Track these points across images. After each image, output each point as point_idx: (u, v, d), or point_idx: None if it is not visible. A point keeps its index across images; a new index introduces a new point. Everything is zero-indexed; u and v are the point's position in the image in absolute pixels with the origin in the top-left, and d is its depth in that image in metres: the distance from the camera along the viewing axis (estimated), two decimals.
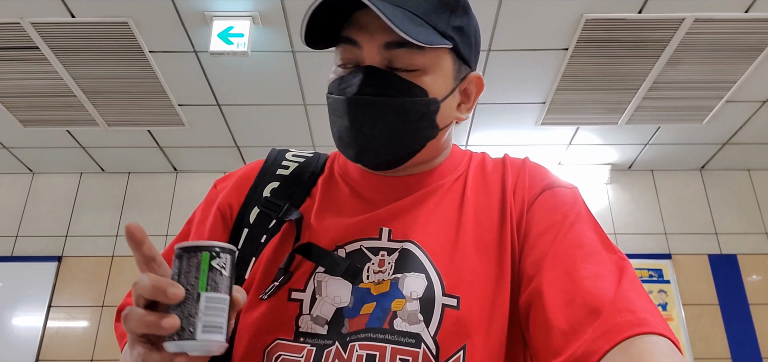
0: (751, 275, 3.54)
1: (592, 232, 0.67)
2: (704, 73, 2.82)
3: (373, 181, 0.78)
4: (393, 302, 0.66)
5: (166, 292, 0.52)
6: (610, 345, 0.52)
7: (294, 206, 0.76)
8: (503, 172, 0.77)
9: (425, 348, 0.63)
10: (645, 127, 3.34)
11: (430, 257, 0.69)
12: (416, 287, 0.66)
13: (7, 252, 3.65)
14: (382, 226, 0.73)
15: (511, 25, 2.54)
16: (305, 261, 0.71)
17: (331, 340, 0.65)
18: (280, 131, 3.38)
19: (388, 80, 0.70)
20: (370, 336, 0.64)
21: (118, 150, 3.59)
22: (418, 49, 0.68)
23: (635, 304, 0.56)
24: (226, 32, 2.48)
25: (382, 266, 0.69)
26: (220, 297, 0.54)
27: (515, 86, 2.99)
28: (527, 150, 3.62)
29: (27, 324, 3.45)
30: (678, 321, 3.40)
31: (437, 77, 0.72)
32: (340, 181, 0.80)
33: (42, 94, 2.98)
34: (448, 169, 0.79)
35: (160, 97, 3.01)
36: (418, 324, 0.64)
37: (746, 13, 2.44)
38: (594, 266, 0.62)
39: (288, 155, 0.84)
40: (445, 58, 0.73)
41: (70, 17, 2.46)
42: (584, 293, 0.58)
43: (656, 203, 3.78)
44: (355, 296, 0.67)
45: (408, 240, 0.71)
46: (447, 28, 0.71)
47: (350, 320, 0.66)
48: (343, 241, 0.72)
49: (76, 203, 3.80)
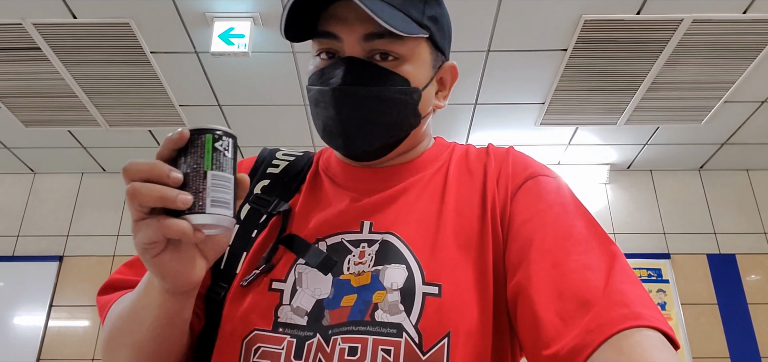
0: (749, 275, 3.55)
1: (579, 220, 0.66)
2: (703, 74, 2.83)
3: (355, 174, 0.79)
4: (374, 294, 0.65)
5: (169, 176, 0.54)
6: (603, 339, 0.52)
7: (283, 201, 0.77)
8: (486, 161, 0.77)
9: (407, 337, 0.62)
10: (644, 127, 3.35)
11: (411, 248, 0.69)
12: (397, 278, 0.66)
13: (8, 251, 3.66)
14: (363, 219, 0.73)
15: (511, 25, 2.55)
16: (288, 253, 0.72)
17: (312, 332, 0.65)
18: (280, 131, 3.39)
19: (371, 70, 0.71)
20: (352, 329, 0.63)
21: (120, 150, 3.60)
22: (398, 38, 0.70)
23: (628, 296, 0.55)
24: (227, 33, 2.49)
25: (363, 257, 0.69)
26: (225, 175, 0.56)
27: (514, 86, 3.00)
28: (527, 150, 3.59)
29: (28, 324, 3.46)
30: (677, 321, 3.41)
31: (416, 66, 0.74)
32: (322, 176, 0.81)
33: (43, 95, 2.99)
34: (429, 160, 0.80)
35: (161, 97, 3.03)
36: (399, 314, 0.64)
37: (744, 13, 2.45)
38: (583, 256, 0.61)
39: (278, 154, 0.85)
40: (423, 47, 0.74)
41: (72, 18, 2.47)
42: (573, 285, 0.58)
43: (655, 203, 3.79)
44: (335, 288, 0.67)
45: (388, 232, 0.71)
46: (422, 17, 0.72)
47: (331, 312, 0.66)
48: (325, 234, 0.72)
49: (77, 203, 3.82)
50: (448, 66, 0.81)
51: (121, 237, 3.71)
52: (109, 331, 0.68)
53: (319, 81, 0.73)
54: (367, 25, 0.69)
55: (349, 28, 0.70)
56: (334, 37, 0.71)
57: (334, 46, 0.72)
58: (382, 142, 0.74)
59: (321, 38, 0.73)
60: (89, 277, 3.57)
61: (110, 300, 0.72)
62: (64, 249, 3.66)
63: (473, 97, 3.10)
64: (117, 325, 0.67)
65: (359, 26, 0.70)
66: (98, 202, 3.81)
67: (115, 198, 3.82)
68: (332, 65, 0.72)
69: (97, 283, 3.07)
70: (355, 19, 0.70)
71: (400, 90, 0.72)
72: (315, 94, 0.74)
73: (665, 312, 3.44)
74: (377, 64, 0.71)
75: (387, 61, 0.72)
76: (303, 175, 0.82)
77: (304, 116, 3.25)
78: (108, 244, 3.68)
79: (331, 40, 0.72)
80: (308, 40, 0.75)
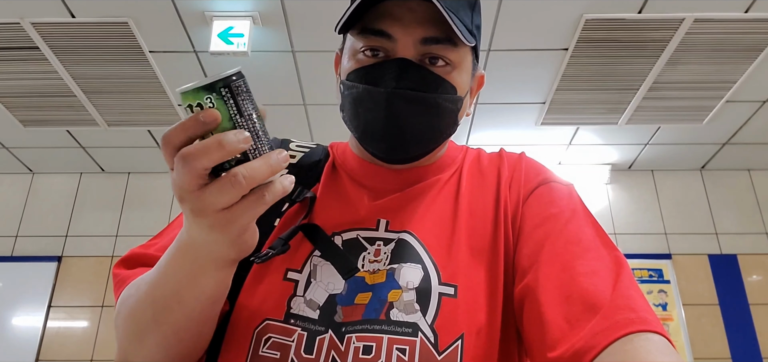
0: (751, 275, 3.54)
1: (589, 228, 0.67)
2: (704, 73, 2.82)
3: (373, 172, 0.78)
4: (389, 293, 0.65)
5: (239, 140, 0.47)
6: (609, 341, 0.52)
7: (306, 189, 0.76)
8: (499, 165, 0.77)
9: (423, 336, 0.62)
10: (645, 127, 3.34)
11: (427, 248, 0.68)
12: (412, 277, 0.66)
13: (7, 252, 3.65)
14: (380, 217, 0.72)
15: (511, 25, 2.54)
16: (305, 242, 0.70)
17: (324, 327, 0.64)
18: (280, 131, 3.37)
19: (426, 76, 0.69)
20: (367, 327, 0.63)
21: (119, 150, 3.59)
22: (452, 44, 0.68)
23: (635, 303, 0.56)
24: (226, 32, 2.48)
25: (378, 255, 0.69)
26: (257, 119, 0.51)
27: (515, 86, 2.99)
28: (527, 150, 3.60)
29: (27, 324, 3.45)
30: (678, 321, 3.40)
31: (462, 73, 0.72)
32: (340, 171, 0.80)
33: (42, 94, 2.98)
34: (446, 163, 0.80)
35: (160, 97, 3.01)
36: (415, 313, 0.63)
37: (746, 13, 2.44)
38: (591, 262, 0.61)
39: (292, 145, 0.83)
40: (468, 55, 0.73)
41: (71, 17, 2.46)
42: (581, 289, 0.58)
43: (656, 203, 3.78)
44: (349, 284, 0.66)
45: (405, 231, 0.70)
46: (471, 26, 0.72)
47: (344, 308, 0.65)
48: (341, 229, 0.72)
49: (76, 203, 3.80)
50: (479, 75, 0.80)
51: (120, 237, 3.70)
52: (131, 316, 0.61)
53: (366, 79, 0.69)
54: (426, 28, 0.67)
55: (405, 28, 0.67)
56: (387, 36, 0.68)
57: (385, 45, 0.69)
58: (424, 149, 0.73)
59: (371, 35, 0.69)
60: (88, 278, 3.56)
61: (131, 275, 0.66)
62: (63, 250, 3.65)
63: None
64: (142, 309, 0.60)
65: (417, 28, 0.67)
66: (97, 202, 3.80)
67: (114, 198, 3.81)
68: (381, 65, 0.69)
69: (96, 284, 3.05)
70: (413, 20, 0.67)
71: (450, 98, 0.71)
72: (360, 92, 0.70)
73: (666, 312, 3.43)
74: (431, 70, 0.69)
75: (436, 66, 0.69)
76: (321, 165, 0.80)
77: (303, 116, 3.24)
78: (107, 244, 3.67)
79: (382, 39, 0.68)
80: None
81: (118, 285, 0.68)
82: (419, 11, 0.67)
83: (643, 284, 3.50)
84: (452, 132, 0.75)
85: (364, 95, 0.69)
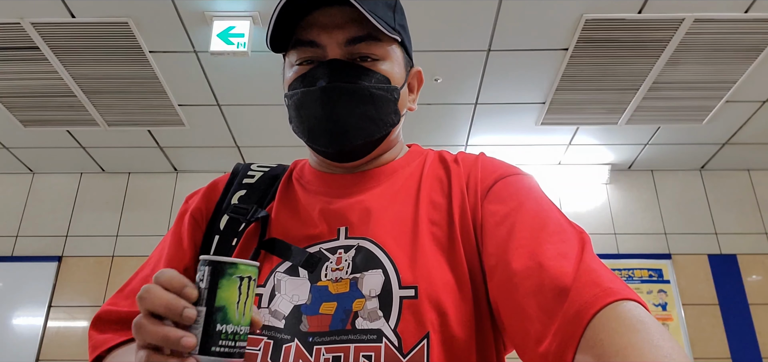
0: (750, 275, 3.54)
1: (551, 212, 0.68)
2: (704, 73, 2.82)
3: (328, 180, 0.81)
4: (353, 302, 0.67)
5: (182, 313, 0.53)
6: (582, 329, 0.53)
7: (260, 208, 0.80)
8: (455, 167, 0.79)
9: (387, 341, 0.64)
10: (645, 127, 3.34)
11: (387, 252, 0.70)
12: (374, 284, 0.67)
13: (7, 252, 3.65)
14: (339, 226, 0.74)
15: (511, 25, 2.54)
16: (267, 259, 0.73)
17: (289, 335, 0.66)
18: (280, 131, 3.38)
19: (355, 69, 0.75)
20: (335, 338, 0.65)
21: (119, 150, 3.59)
22: (376, 41, 0.75)
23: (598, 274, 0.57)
24: (226, 32, 2.48)
25: (340, 264, 0.71)
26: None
27: (515, 86, 2.99)
28: (527, 150, 3.62)
29: (27, 324, 3.45)
30: (678, 321, 3.40)
31: (393, 66, 0.79)
32: (295, 184, 0.83)
33: (42, 94, 2.98)
34: (402, 165, 0.82)
35: (160, 97, 3.01)
36: (379, 320, 0.65)
37: (746, 13, 2.44)
38: (558, 245, 0.63)
39: (253, 166, 0.88)
40: (396, 50, 0.80)
41: (71, 17, 2.46)
42: (551, 276, 0.59)
43: (656, 203, 3.78)
44: (313, 294, 0.69)
45: (364, 237, 0.72)
46: (394, 23, 0.77)
47: (309, 317, 0.67)
48: (302, 245, 0.74)
49: (76, 203, 3.81)
50: (415, 71, 0.86)
51: (120, 237, 3.70)
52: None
53: (303, 84, 0.75)
54: (349, 29, 0.74)
55: (330, 34, 0.74)
56: (315, 45, 0.75)
57: (316, 53, 0.76)
58: (365, 138, 0.76)
59: (302, 47, 0.76)
60: (88, 278, 3.56)
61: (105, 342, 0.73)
62: (63, 250, 3.65)
63: (474, 97, 3.09)
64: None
65: (340, 32, 0.74)
66: (97, 202, 3.80)
67: (114, 198, 3.81)
68: (314, 69, 0.75)
69: (96, 284, 3.05)
70: (335, 26, 0.74)
71: (383, 86, 0.76)
72: (299, 97, 0.76)
73: (666, 312, 3.43)
74: (359, 64, 0.75)
75: (366, 63, 0.76)
76: (278, 182, 0.84)
77: None
78: (107, 244, 3.67)
79: (312, 48, 0.75)
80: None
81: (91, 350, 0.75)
82: (341, 16, 0.74)
83: (643, 284, 3.50)
84: (394, 121, 0.79)
85: (303, 98, 0.75)
